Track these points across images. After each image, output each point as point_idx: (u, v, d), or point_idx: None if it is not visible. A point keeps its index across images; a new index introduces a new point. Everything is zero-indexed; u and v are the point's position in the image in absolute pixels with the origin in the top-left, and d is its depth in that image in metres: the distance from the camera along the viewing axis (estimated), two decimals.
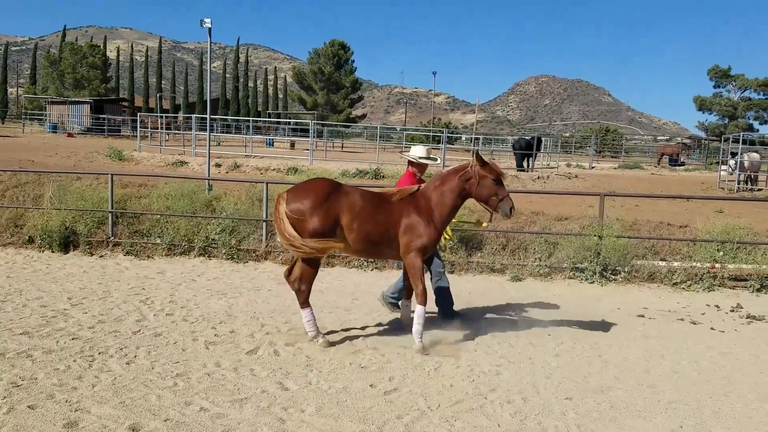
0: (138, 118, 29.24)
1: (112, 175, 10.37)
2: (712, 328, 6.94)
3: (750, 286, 8.89)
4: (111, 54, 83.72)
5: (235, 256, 9.74)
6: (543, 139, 31.56)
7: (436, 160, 6.70)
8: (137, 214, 10.55)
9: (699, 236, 10.11)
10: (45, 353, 5.24)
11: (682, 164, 39.03)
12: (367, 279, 8.90)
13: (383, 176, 18.46)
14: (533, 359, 5.62)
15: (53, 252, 9.74)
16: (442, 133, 28.59)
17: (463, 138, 60.02)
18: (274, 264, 9.59)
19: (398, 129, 61.32)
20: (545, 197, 16.47)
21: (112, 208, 10.20)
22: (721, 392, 4.97)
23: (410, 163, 6.47)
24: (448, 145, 36.72)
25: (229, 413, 4.25)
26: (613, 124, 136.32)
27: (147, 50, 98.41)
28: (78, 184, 12.47)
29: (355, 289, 8.19)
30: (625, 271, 9.25)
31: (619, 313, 7.50)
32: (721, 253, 9.64)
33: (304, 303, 5.77)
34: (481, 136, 40.84)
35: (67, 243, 9.95)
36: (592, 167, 34.09)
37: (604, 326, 6.82)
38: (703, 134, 54.47)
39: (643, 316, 7.36)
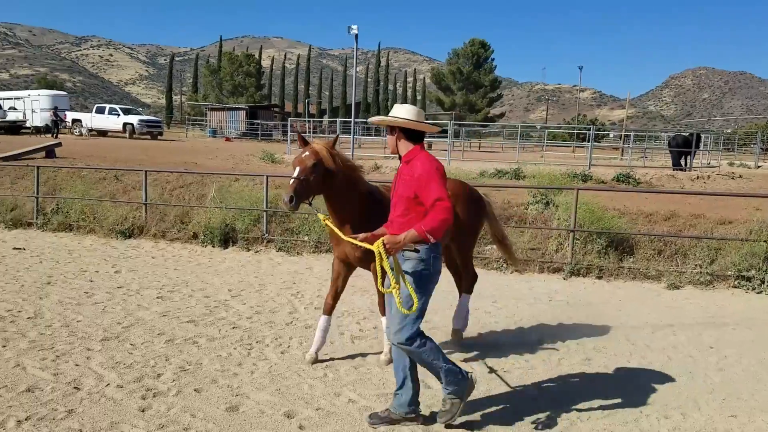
0: (288, 123, 30.99)
1: (267, 176, 11.08)
2: None
3: None
4: (264, 62, 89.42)
5: None
6: (702, 136, 29.16)
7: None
8: (286, 213, 11.17)
9: None
10: (209, 341, 5.72)
11: None
12: (507, 281, 8.74)
13: (524, 176, 17.98)
14: (693, 373, 5.20)
15: (214, 247, 10.56)
16: (589, 130, 27.32)
17: (611, 135, 56.98)
18: None
19: (538, 127, 59.68)
20: (705, 199, 15.22)
21: (267, 207, 10.88)
22: None
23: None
24: (594, 144, 35.09)
25: (375, 406, 4.37)
26: None
27: (298, 58, 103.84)
28: (236, 185, 13.46)
29: (495, 291, 8.06)
30: None
31: None
32: None
33: None
34: (632, 133, 38.53)
35: (226, 239, 10.75)
36: (759, 166, 30.96)
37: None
38: None
39: None
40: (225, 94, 66.37)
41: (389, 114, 4.00)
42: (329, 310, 5.19)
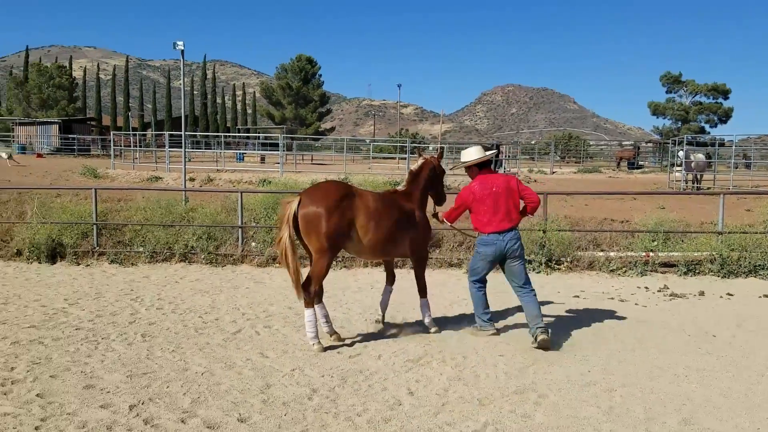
0: (111, 136, 29.83)
1: (95, 189, 11.14)
2: (636, 304, 8.02)
3: (678, 271, 10.00)
4: (76, 74, 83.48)
5: (213, 261, 10.53)
6: (502, 146, 32.89)
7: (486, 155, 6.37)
8: (120, 225, 11.30)
9: (634, 228, 11.28)
10: (54, 340, 6.06)
11: (640, 167, 40.85)
12: (336, 275, 9.75)
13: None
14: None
15: (41, 263, 10.39)
16: (407, 143, 29.68)
17: (430, 147, 61.33)
18: (251, 266, 10.38)
19: (367, 141, 62.56)
20: None
21: (96, 220, 10.93)
22: (630, 348, 6.06)
23: (467, 170, 6.44)
24: (413, 155, 37.67)
25: (217, 371, 5.13)
26: (578, 131, 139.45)
27: (114, 69, 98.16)
28: (59, 200, 13.18)
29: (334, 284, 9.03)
30: (567, 261, 10.30)
31: (558, 295, 8.52)
32: (655, 243, 10.78)
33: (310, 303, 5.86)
34: (446, 145, 42.10)
35: (54, 254, 10.62)
36: (553, 172, 35.55)
37: (541, 305, 7.82)
38: (659, 138, 56.87)
39: (578, 297, 8.40)
40: (33, 107, 61.08)
41: (464, 159, 6.35)
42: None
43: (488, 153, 6.37)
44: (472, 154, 6.28)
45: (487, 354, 5.82)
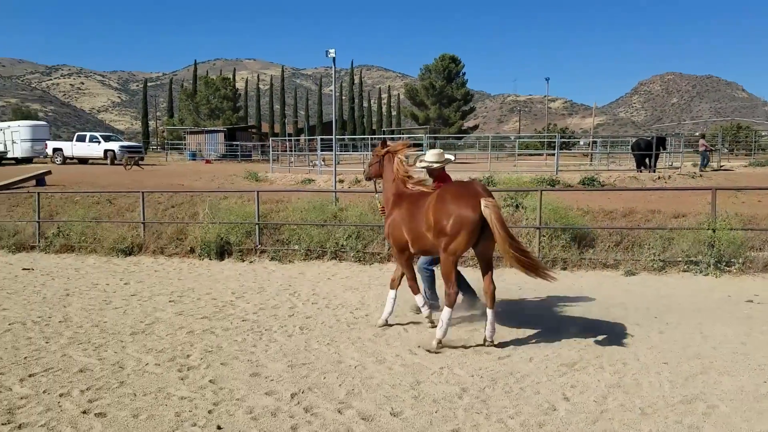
0: (270, 142, 32.05)
1: (258, 192, 11.96)
2: None
3: None
4: (238, 84, 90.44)
5: (362, 259, 10.88)
6: (666, 138, 30.52)
7: (445, 161, 6.77)
8: (278, 224, 12.05)
9: None
10: (224, 330, 6.61)
11: None
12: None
13: (495, 184, 19.06)
14: (635, 336, 6.20)
15: (211, 260, 11.37)
16: (555, 138, 28.61)
17: (582, 142, 58.67)
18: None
19: (512, 137, 61.34)
20: (664, 197, 16.37)
21: (258, 221, 11.74)
22: None
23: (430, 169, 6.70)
24: (565, 151, 36.39)
25: (369, 365, 5.28)
26: (747, 121, 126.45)
27: (271, 79, 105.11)
28: (225, 203, 14.30)
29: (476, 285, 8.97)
30: (739, 263, 9.37)
31: (729, 300, 7.78)
32: None
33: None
34: (598, 140, 40.14)
35: (222, 251, 11.57)
36: (721, 166, 32.50)
37: (710, 310, 7.19)
38: None
39: (751, 302, 7.62)
40: (202, 117, 67.08)
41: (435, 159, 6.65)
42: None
43: (448, 156, 6.90)
44: (440, 155, 6.75)
45: (649, 361, 5.45)
